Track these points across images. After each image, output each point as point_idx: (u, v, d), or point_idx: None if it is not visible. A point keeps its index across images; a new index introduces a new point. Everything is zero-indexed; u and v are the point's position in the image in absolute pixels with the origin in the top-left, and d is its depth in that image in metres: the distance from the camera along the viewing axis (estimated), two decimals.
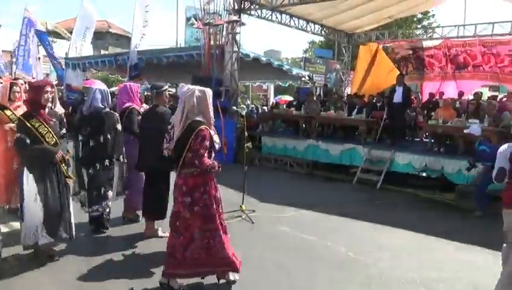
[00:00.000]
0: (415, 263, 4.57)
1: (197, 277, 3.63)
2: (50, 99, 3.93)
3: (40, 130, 3.81)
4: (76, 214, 4.42)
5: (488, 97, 11.02)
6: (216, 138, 3.69)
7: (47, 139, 3.84)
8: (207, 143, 3.43)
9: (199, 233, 3.51)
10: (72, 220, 4.10)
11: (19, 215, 3.91)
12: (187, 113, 3.46)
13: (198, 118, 3.47)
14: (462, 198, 7.32)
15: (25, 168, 3.83)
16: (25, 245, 3.88)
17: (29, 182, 3.81)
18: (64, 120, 4.38)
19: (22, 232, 3.86)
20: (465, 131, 6.97)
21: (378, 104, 10.57)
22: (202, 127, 3.42)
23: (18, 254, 4.07)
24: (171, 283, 3.59)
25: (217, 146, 3.65)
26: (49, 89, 3.93)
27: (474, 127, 6.91)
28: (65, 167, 4.01)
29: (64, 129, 4.20)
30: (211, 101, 3.58)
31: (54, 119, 3.99)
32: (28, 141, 3.75)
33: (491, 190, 6.37)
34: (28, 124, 3.78)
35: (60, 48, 17.99)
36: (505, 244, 3.63)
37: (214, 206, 3.54)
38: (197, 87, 3.56)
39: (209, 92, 3.57)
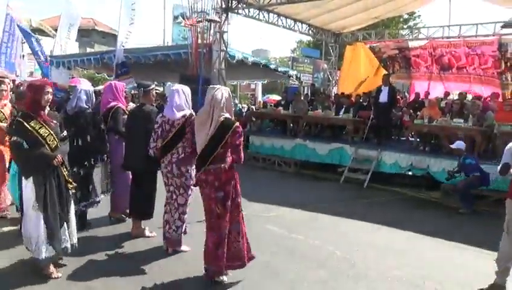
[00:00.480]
0: (401, 261, 4.61)
1: (232, 269, 3.81)
2: (50, 100, 3.70)
3: (41, 133, 3.56)
4: None
5: (473, 97, 11.18)
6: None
7: (48, 142, 3.60)
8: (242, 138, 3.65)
9: (233, 226, 3.69)
10: (74, 228, 3.93)
11: (20, 225, 3.72)
12: (217, 112, 3.56)
13: (227, 115, 3.61)
14: (447, 196, 7.44)
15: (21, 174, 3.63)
16: (41, 259, 3.62)
17: (27, 189, 3.60)
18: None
19: (30, 244, 3.63)
20: (452, 146, 7.26)
21: (365, 104, 10.66)
22: (237, 124, 3.61)
23: None
24: (217, 279, 3.73)
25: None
26: (49, 89, 3.69)
27: (460, 143, 7.22)
28: (66, 172, 3.77)
29: (65, 131, 3.93)
30: None
31: (54, 121, 3.74)
32: (25, 144, 3.50)
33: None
34: (28, 126, 3.51)
35: (45, 46, 17.71)
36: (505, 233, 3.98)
37: (239, 199, 3.73)
38: (223, 87, 3.75)
39: (230, 91, 3.82)
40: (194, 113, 4.28)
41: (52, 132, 3.64)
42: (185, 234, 4.49)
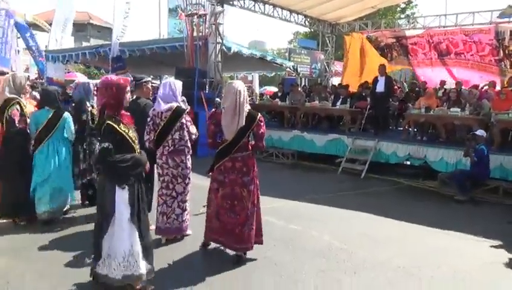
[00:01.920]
0: (398, 250, 4.64)
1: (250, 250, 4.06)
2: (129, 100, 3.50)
3: (130, 136, 3.28)
4: None
5: (470, 86, 11.19)
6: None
7: (135, 147, 3.34)
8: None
9: (252, 209, 3.98)
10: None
11: (100, 242, 3.25)
12: (243, 105, 3.87)
13: (249, 107, 3.99)
14: (444, 185, 7.47)
15: (114, 184, 3.21)
16: (137, 275, 3.23)
17: (121, 199, 3.21)
18: None
19: (115, 259, 3.21)
20: (475, 132, 7.13)
21: (363, 94, 10.65)
22: (260, 115, 4.00)
23: None
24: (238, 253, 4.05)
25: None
26: (130, 88, 3.40)
27: (481, 131, 7.18)
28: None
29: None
30: None
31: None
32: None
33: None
34: (120, 130, 3.20)
35: (40, 40, 17.60)
36: None
37: (258, 183, 4.10)
38: (239, 82, 4.07)
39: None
40: (183, 106, 4.33)
41: (136, 136, 3.39)
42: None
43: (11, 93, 4.77)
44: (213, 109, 4.40)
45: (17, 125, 4.72)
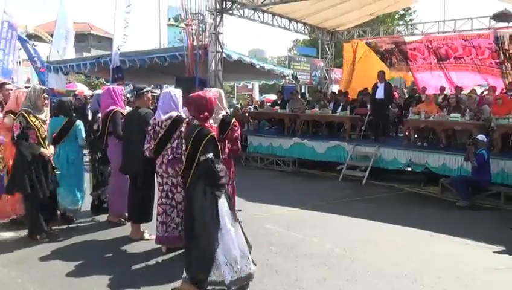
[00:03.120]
0: (400, 256, 4.63)
1: None
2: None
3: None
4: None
5: (469, 92, 11.21)
6: None
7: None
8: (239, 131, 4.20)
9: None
10: None
11: (213, 252, 3.35)
12: (216, 111, 3.96)
13: (224, 113, 4.16)
14: (446, 191, 7.46)
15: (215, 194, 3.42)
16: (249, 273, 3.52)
17: (223, 203, 3.45)
18: None
19: (231, 266, 3.40)
20: (477, 137, 7.11)
21: (363, 100, 10.68)
22: (234, 119, 4.19)
23: None
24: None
25: None
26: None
27: (482, 136, 7.13)
28: None
29: None
30: None
31: None
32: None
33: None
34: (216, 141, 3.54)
35: (42, 52, 17.70)
36: None
37: (234, 185, 4.33)
38: (214, 89, 4.33)
39: (222, 91, 4.37)
40: (183, 115, 4.34)
41: None
42: None
43: (24, 106, 4.81)
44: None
45: (15, 137, 4.65)
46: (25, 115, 4.56)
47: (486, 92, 11.00)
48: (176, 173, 4.29)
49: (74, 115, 5.46)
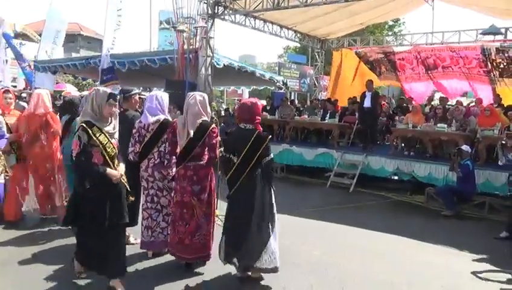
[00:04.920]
0: (386, 264, 4.64)
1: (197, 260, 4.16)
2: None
3: None
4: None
5: (456, 103, 11.38)
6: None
7: None
8: (218, 138, 4.07)
9: (205, 218, 4.04)
10: None
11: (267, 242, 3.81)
12: (192, 116, 3.96)
13: (204, 118, 4.01)
14: (431, 200, 7.53)
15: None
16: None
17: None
18: None
19: (275, 259, 3.81)
20: (461, 147, 7.21)
21: (352, 109, 10.75)
22: (213, 125, 4.05)
23: None
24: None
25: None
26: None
27: (466, 147, 7.25)
28: None
29: None
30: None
31: None
32: None
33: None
34: None
35: (29, 51, 17.47)
36: None
37: (214, 194, 4.15)
38: (197, 93, 4.16)
39: (206, 96, 4.21)
40: (170, 119, 4.32)
41: None
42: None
43: (86, 115, 4.82)
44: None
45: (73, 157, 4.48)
46: (86, 128, 3.47)
47: (473, 104, 11.18)
48: (162, 176, 4.26)
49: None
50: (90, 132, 3.42)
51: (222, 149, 4.01)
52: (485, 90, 12.53)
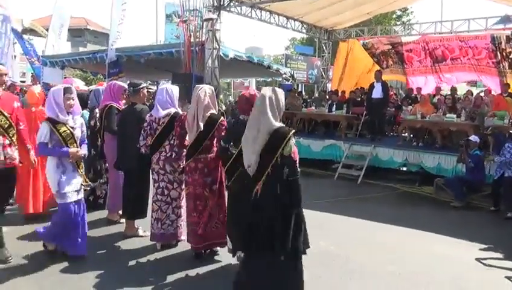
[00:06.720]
0: (394, 256, 4.63)
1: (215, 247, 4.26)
2: None
3: None
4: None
5: (466, 93, 11.25)
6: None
7: None
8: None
9: (216, 208, 4.09)
10: None
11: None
12: (202, 109, 3.97)
13: (212, 111, 4.04)
14: (440, 191, 7.48)
15: None
16: None
17: None
18: None
19: None
20: (469, 138, 7.19)
21: (358, 100, 10.69)
22: (222, 118, 4.09)
23: None
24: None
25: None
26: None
27: (475, 137, 7.20)
28: None
29: None
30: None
31: None
32: None
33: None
34: None
35: (37, 46, 17.56)
36: None
37: (224, 183, 4.13)
38: (206, 86, 4.17)
39: (213, 89, 4.23)
40: (180, 112, 4.34)
41: None
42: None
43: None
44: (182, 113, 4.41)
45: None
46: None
47: (483, 94, 11.05)
48: (173, 169, 4.29)
49: None
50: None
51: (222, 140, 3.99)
52: (493, 82, 12.36)
